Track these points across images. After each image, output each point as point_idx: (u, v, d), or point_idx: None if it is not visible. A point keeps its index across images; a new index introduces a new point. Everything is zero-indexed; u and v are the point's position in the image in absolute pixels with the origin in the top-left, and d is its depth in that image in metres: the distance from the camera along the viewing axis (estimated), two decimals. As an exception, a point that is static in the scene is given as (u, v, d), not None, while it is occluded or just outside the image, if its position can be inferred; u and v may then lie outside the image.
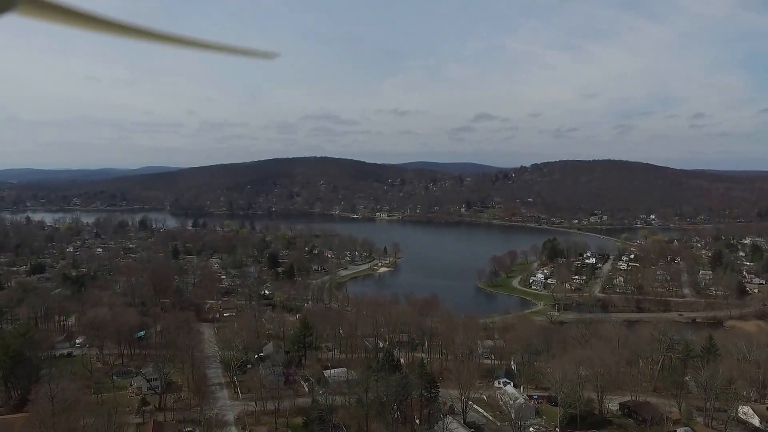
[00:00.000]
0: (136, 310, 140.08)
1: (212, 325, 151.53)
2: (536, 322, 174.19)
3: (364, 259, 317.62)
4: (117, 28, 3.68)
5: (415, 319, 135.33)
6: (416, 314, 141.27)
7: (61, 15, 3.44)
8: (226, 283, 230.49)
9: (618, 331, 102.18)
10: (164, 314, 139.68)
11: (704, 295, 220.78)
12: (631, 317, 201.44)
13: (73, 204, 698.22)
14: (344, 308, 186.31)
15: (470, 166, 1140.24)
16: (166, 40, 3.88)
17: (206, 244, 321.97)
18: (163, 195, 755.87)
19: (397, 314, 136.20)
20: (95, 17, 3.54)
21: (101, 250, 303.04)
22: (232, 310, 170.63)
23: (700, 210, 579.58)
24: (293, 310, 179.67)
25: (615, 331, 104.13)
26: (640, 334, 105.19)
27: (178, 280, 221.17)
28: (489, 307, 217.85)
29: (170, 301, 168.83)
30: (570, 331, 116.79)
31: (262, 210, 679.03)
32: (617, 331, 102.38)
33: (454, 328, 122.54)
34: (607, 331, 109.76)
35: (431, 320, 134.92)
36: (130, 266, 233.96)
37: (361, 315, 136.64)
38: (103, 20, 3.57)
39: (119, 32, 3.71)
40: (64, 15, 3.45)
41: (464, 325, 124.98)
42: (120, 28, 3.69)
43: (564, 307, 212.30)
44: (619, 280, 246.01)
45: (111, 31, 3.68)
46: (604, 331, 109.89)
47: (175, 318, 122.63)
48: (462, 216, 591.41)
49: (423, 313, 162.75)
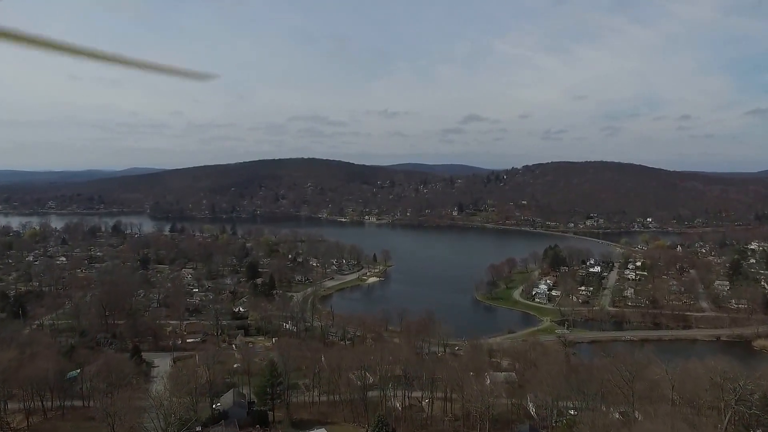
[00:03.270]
0: (73, 341, 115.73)
1: (170, 356, 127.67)
2: (549, 345, 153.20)
3: (351, 268, 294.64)
4: (74, 52, 4.04)
5: (412, 356, 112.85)
6: (412, 347, 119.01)
7: (21, 41, 3.96)
8: (197, 297, 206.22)
9: (671, 375, 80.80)
10: (108, 345, 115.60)
11: (725, 309, 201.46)
12: (649, 335, 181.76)
13: (47, 207, 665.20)
14: (328, 329, 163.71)
15: (460, 167, 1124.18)
16: (107, 60, 4.18)
17: (181, 251, 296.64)
18: (144, 197, 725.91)
19: (390, 349, 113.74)
20: (54, 44, 3.96)
21: (64, 259, 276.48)
22: (197, 335, 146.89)
23: (697, 213, 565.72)
24: (269, 332, 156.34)
25: (663, 371, 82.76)
26: (694, 375, 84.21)
27: (143, 295, 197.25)
28: (490, 323, 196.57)
29: (125, 323, 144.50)
30: (604, 369, 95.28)
31: (247, 213, 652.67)
32: (668, 373, 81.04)
33: (461, 370, 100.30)
34: (651, 370, 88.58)
35: (430, 358, 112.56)
36: (87, 279, 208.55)
37: (346, 352, 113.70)
38: (62, 47, 4.00)
39: (77, 55, 4.05)
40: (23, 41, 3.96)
41: (471, 361, 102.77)
42: (74, 51, 4.05)
43: (573, 323, 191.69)
44: (630, 292, 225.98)
45: (70, 54, 4.04)
46: (647, 371, 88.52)
47: (114, 357, 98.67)
48: (454, 219, 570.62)
49: (420, 337, 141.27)
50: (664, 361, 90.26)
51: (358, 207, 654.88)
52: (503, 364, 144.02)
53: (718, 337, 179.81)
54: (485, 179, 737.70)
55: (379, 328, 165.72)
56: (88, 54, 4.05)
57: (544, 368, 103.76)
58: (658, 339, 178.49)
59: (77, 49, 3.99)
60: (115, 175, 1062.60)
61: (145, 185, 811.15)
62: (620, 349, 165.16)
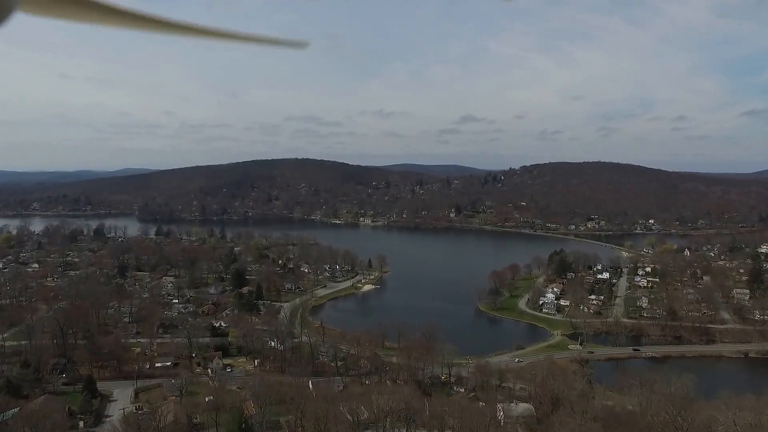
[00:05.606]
0: (16, 370, 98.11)
1: (132, 387, 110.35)
2: (564, 366, 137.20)
3: (345, 274, 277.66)
4: (128, 18, 3.19)
5: (413, 393, 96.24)
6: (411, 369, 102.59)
7: (65, 8, 3.00)
8: (176, 310, 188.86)
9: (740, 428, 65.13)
10: (58, 374, 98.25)
11: (749, 321, 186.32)
12: (670, 351, 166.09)
13: (31, 209, 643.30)
14: (318, 348, 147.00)
15: (456, 168, 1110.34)
16: (182, 31, 3.43)
17: (163, 257, 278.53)
18: (133, 199, 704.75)
19: (390, 390, 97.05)
20: (105, 6, 3.05)
21: (37, 265, 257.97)
22: (168, 357, 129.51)
23: (699, 214, 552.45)
24: (252, 353, 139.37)
25: (730, 422, 66.91)
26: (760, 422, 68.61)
27: (115, 308, 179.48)
28: (496, 337, 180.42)
29: (85, 345, 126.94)
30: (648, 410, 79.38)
31: (238, 215, 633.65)
32: (737, 425, 65.26)
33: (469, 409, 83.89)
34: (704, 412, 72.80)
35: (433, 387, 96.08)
36: (56, 290, 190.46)
37: (333, 401, 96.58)
38: (112, 10, 3.08)
39: (129, 24, 3.23)
40: (69, 8, 3.00)
41: (480, 387, 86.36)
42: (130, 18, 3.20)
43: (586, 336, 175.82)
44: (644, 301, 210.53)
45: (120, 23, 3.20)
46: (700, 414, 72.70)
47: (50, 401, 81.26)
48: (452, 221, 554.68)
49: (422, 361, 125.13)
50: (722, 403, 73.93)
51: (353, 208, 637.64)
52: (516, 389, 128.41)
53: (745, 354, 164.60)
54: (482, 180, 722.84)
55: (375, 345, 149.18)
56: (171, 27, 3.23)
57: (568, 404, 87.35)
58: (680, 356, 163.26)
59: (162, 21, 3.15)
60: (107, 176, 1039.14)
61: (135, 186, 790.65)
62: (639, 367, 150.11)
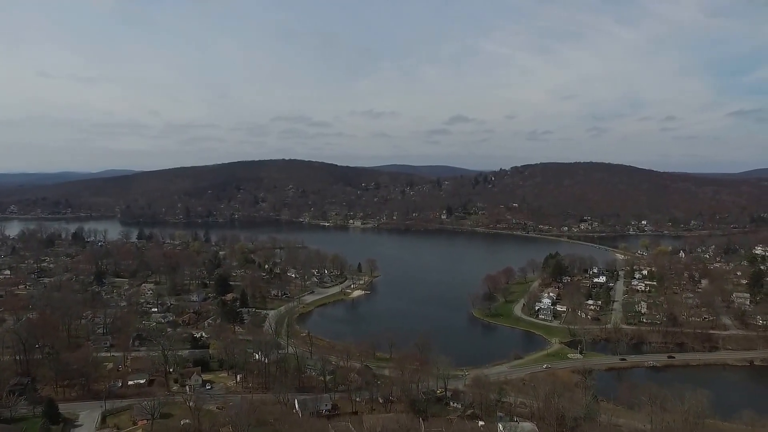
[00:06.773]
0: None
1: (100, 408, 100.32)
2: (565, 378, 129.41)
3: (334, 279, 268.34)
4: None
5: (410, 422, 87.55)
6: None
7: None
8: (155, 319, 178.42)
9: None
10: (18, 395, 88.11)
11: (751, 326, 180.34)
12: (673, 360, 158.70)
13: (8, 212, 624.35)
14: (305, 361, 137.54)
15: (446, 169, 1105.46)
16: None
17: (144, 262, 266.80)
18: (116, 201, 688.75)
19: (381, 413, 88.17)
20: None
21: (9, 272, 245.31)
22: (142, 374, 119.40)
23: (691, 215, 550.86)
24: (234, 367, 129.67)
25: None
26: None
27: (89, 318, 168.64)
28: (492, 346, 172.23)
29: (50, 361, 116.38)
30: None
31: (224, 217, 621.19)
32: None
33: None
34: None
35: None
36: (24, 299, 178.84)
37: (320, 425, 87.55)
38: None
39: None
40: None
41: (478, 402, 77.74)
42: None
43: (584, 344, 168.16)
44: (642, 306, 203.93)
45: None
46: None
47: None
48: (443, 223, 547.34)
49: (416, 375, 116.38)
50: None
51: (342, 210, 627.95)
52: (516, 404, 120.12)
53: (750, 362, 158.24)
54: (473, 181, 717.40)
55: (366, 356, 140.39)
56: None
57: (574, 423, 79.09)
58: (684, 365, 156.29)
59: None
60: (90, 177, 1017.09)
61: (118, 188, 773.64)
62: (642, 379, 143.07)
